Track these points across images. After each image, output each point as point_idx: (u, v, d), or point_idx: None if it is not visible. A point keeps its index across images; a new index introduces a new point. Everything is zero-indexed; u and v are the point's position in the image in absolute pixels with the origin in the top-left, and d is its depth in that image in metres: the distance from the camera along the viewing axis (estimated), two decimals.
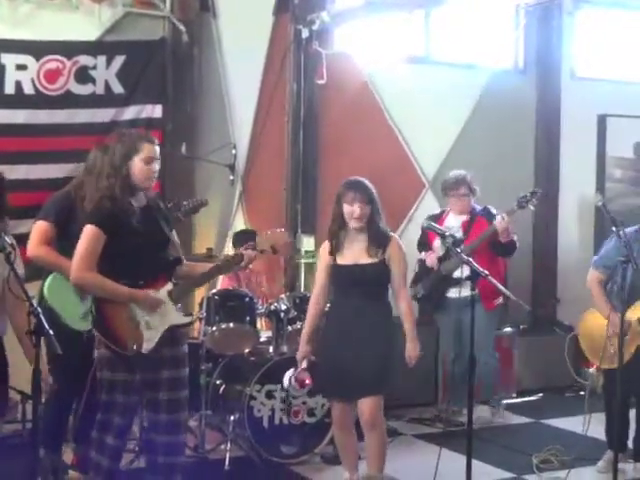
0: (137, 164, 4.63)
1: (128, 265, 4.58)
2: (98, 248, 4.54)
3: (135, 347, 4.51)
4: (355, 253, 5.14)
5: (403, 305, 5.22)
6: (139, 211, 4.67)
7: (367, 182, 5.18)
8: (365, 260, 5.11)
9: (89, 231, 4.56)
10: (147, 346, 4.55)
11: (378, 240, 5.13)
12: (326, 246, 5.23)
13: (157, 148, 4.74)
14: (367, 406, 5.09)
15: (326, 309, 5.37)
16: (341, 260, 5.16)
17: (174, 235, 4.91)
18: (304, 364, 5.27)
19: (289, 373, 5.65)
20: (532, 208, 7.01)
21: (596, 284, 5.98)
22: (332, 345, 5.19)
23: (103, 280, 4.55)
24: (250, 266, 7.24)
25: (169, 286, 4.66)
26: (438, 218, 7.00)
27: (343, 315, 5.18)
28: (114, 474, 4.77)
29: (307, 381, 5.67)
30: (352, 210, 5.07)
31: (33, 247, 5.22)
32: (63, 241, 5.17)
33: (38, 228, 5.27)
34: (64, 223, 5.19)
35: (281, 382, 5.86)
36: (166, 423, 4.66)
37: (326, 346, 5.24)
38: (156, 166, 4.72)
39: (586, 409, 5.87)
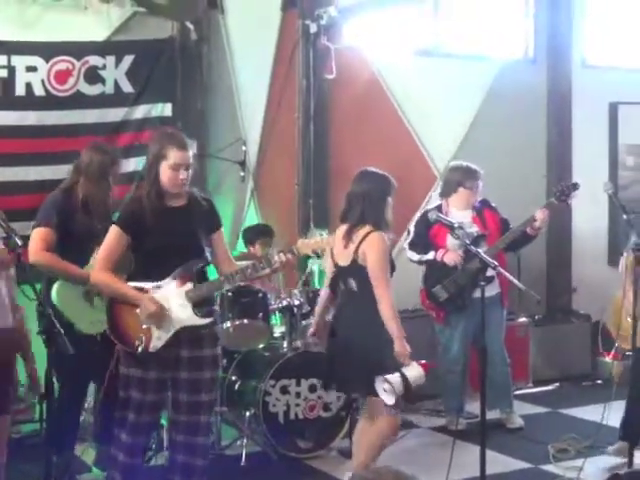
0: (165, 170, 4.59)
1: (154, 265, 4.59)
2: (118, 248, 4.62)
3: (142, 345, 4.52)
4: None
5: None
6: (175, 211, 4.65)
7: None
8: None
9: (111, 232, 4.66)
10: (155, 344, 4.55)
11: None
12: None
13: (188, 154, 4.62)
14: None
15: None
16: None
17: (220, 235, 4.85)
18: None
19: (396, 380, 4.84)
20: (570, 203, 6.68)
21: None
22: None
23: (114, 281, 4.60)
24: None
25: (188, 286, 4.63)
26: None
27: None
28: (131, 470, 4.76)
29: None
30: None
31: (36, 253, 5.14)
32: (64, 243, 5.20)
33: (39, 234, 5.22)
34: (64, 225, 5.20)
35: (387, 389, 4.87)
36: (185, 424, 4.70)
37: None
38: (183, 173, 4.60)
39: (612, 397, 5.82)
